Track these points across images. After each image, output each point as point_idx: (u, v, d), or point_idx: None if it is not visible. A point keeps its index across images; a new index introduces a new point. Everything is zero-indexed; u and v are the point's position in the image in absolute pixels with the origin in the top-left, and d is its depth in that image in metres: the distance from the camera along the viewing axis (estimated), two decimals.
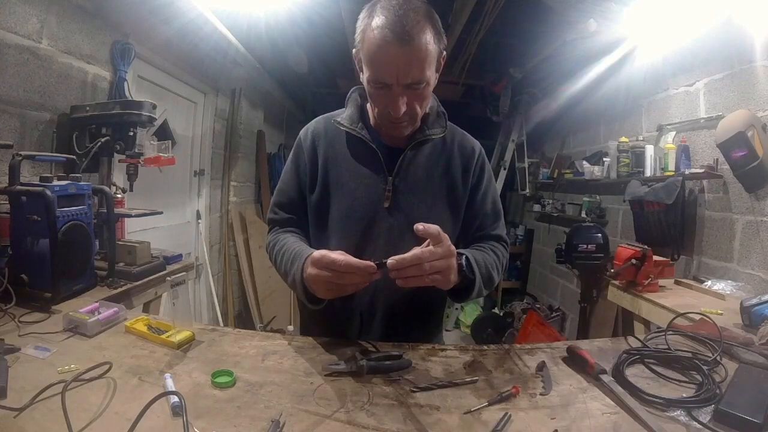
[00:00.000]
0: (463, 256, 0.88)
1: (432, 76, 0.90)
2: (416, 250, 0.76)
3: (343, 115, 1.03)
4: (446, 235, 0.78)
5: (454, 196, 1.04)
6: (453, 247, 0.80)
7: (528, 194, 4.72)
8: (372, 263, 0.75)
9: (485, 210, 1.08)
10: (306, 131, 1.07)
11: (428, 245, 0.77)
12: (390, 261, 0.74)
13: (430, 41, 0.85)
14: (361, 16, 0.89)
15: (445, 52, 0.92)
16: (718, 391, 0.75)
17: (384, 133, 1.01)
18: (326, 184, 1.01)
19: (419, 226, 0.76)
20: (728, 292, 1.79)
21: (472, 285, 0.90)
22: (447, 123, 1.05)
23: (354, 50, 0.94)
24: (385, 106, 0.91)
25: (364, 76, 0.92)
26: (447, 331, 4.38)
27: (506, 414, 0.68)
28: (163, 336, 0.90)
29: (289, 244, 0.96)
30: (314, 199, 1.02)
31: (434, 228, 0.76)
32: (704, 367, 0.82)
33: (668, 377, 0.82)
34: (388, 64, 0.84)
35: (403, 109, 0.89)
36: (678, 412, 0.69)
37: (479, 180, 1.07)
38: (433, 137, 1.02)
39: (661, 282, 1.90)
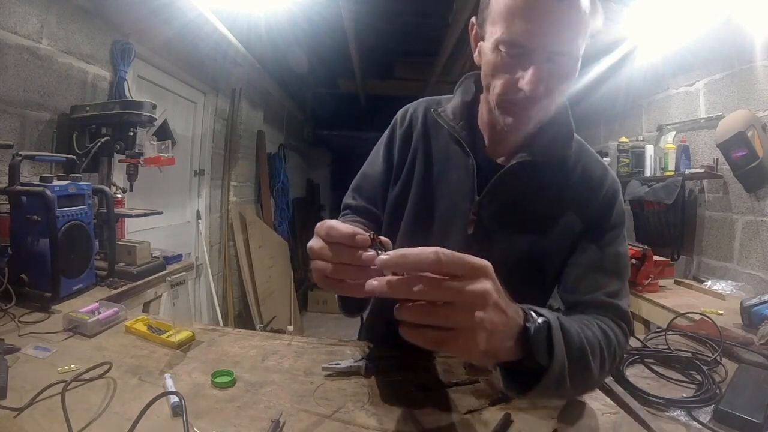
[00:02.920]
0: (539, 318, 0.51)
1: (580, 53, 0.66)
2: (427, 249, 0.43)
3: (448, 105, 0.84)
4: (489, 266, 0.45)
5: (556, 240, 0.77)
6: (490, 272, 0.44)
7: None
8: (366, 235, 0.49)
9: (597, 263, 0.73)
10: (405, 113, 0.90)
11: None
12: (382, 256, 0.44)
13: (588, 9, 0.63)
14: None
15: (590, 39, 0.68)
16: (718, 391, 0.75)
17: (491, 137, 0.80)
18: (408, 180, 0.85)
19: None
20: (728, 292, 1.79)
21: (543, 369, 0.51)
22: (572, 142, 0.78)
23: (473, 18, 0.73)
24: (513, 78, 0.66)
25: (486, 43, 0.69)
26: None
27: (506, 414, 0.68)
28: (163, 336, 0.90)
29: None
30: (393, 194, 0.87)
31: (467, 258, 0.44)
32: (704, 367, 0.82)
33: (668, 377, 0.82)
34: (535, 20, 0.61)
35: (542, 85, 0.64)
36: (678, 412, 0.69)
37: (600, 220, 0.76)
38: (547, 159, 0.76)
39: (661, 282, 1.91)
